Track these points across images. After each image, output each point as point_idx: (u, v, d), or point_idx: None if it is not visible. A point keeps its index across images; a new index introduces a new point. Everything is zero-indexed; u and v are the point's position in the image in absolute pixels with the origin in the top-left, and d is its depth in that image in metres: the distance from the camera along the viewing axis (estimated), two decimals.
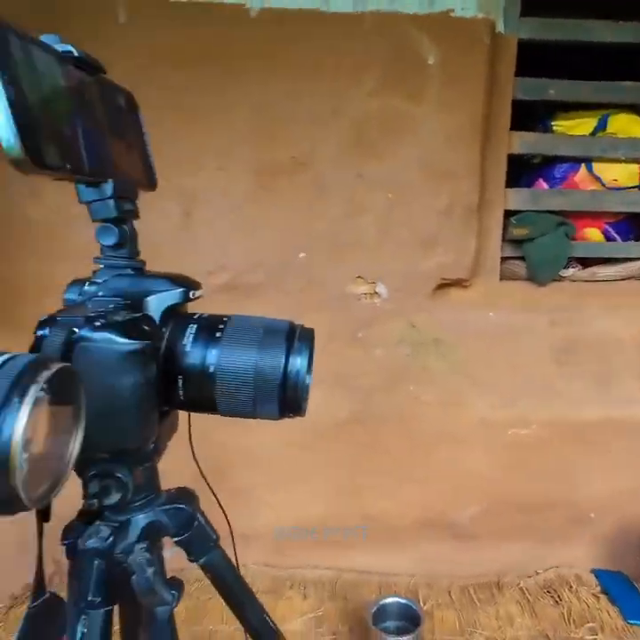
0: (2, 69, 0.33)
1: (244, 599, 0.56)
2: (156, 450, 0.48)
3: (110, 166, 0.45)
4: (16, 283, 1.29)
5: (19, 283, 1.28)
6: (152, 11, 1.18)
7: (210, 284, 1.30)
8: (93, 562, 0.46)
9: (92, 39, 1.19)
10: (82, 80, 0.44)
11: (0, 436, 0.23)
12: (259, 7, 1.17)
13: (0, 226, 1.28)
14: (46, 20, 1.17)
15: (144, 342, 0.39)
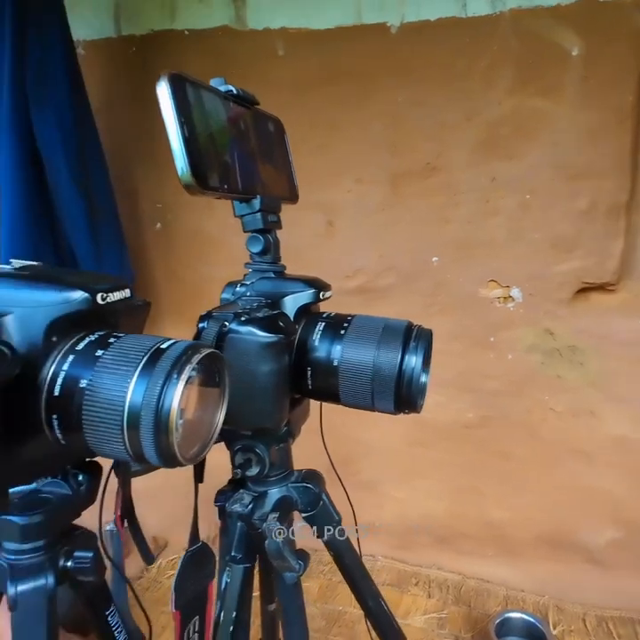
0: (178, 113, 0.40)
1: (361, 579, 0.58)
2: (290, 433, 0.53)
3: (259, 184, 0.51)
4: (195, 284, 1.49)
5: (197, 284, 1.48)
6: (305, 41, 1.31)
7: (346, 286, 1.37)
8: (237, 524, 0.53)
9: (255, 72, 1.37)
10: (239, 113, 0.51)
11: (163, 404, 0.29)
12: (399, 23, 1.21)
13: (185, 238, 1.50)
14: (221, 60, 1.40)
15: (279, 336, 0.43)
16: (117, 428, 0.29)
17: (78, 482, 0.38)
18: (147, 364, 0.30)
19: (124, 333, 0.33)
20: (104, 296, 0.32)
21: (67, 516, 0.39)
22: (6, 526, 0.36)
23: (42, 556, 0.37)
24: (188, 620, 0.48)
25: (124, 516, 0.47)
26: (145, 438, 0.29)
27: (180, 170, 0.41)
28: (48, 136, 1.17)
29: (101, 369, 0.30)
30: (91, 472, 0.39)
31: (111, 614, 0.44)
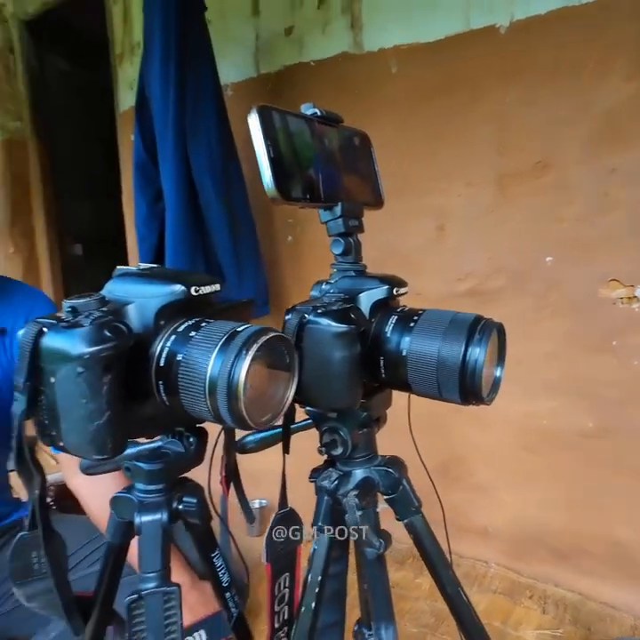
0: (266, 138, 0.48)
1: (440, 567, 0.59)
2: (371, 418, 0.57)
3: (340, 193, 0.56)
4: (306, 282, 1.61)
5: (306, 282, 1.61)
6: (416, 56, 1.37)
7: (457, 290, 1.36)
8: (324, 497, 0.58)
9: (371, 91, 1.46)
10: (324, 131, 0.57)
11: (234, 375, 0.35)
12: (508, 23, 1.19)
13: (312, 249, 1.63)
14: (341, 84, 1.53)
15: (350, 326, 0.48)
16: (202, 393, 0.37)
17: (189, 442, 0.47)
18: (224, 343, 0.37)
19: (215, 320, 0.41)
20: (196, 289, 0.41)
21: (180, 468, 0.48)
22: (137, 470, 0.46)
23: (160, 497, 0.47)
24: (279, 575, 0.55)
25: (229, 478, 0.55)
26: (220, 402, 0.36)
27: (265, 185, 0.48)
28: (200, 164, 1.37)
29: (192, 346, 0.38)
30: (199, 435, 0.48)
31: (216, 557, 0.53)
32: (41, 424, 0.36)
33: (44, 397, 0.35)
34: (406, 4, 1.39)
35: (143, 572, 0.44)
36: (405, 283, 0.56)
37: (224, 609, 0.56)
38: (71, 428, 0.35)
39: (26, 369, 0.34)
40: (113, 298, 0.39)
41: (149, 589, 0.43)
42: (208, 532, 0.51)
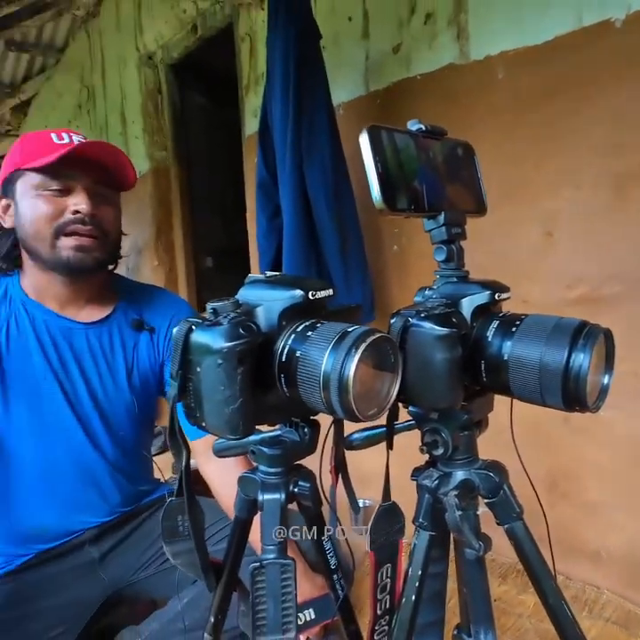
0: (375, 155, 0.52)
1: (542, 576, 0.57)
2: (472, 421, 0.58)
3: (444, 202, 0.58)
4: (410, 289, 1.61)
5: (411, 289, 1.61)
6: (523, 60, 1.33)
7: (567, 297, 1.28)
8: (424, 495, 0.59)
9: (477, 98, 1.44)
10: (428, 144, 0.60)
11: (344, 371, 0.39)
12: (624, 15, 1.11)
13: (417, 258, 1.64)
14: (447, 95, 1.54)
15: (451, 330, 0.49)
16: (317, 386, 0.41)
17: (304, 432, 0.52)
18: (336, 342, 0.41)
19: (328, 321, 0.45)
20: (313, 293, 0.45)
21: (295, 455, 0.53)
22: (260, 454, 0.52)
23: (279, 480, 0.52)
24: (382, 564, 0.57)
25: (338, 468, 0.59)
26: (332, 395, 0.40)
27: (374, 198, 0.52)
28: (314, 181, 1.45)
29: (309, 344, 0.42)
30: (312, 426, 0.53)
31: (325, 540, 0.57)
32: (188, 407, 0.43)
33: (191, 384, 0.42)
34: (514, 8, 1.36)
35: (264, 544, 0.49)
36: (507, 288, 0.56)
37: (331, 590, 0.60)
38: (211, 411, 0.41)
39: (178, 360, 0.41)
40: (245, 301, 0.45)
41: (269, 559, 0.48)
42: (319, 515, 0.56)
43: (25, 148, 0.84)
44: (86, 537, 0.99)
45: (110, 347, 0.97)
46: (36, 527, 0.95)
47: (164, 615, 0.95)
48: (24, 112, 4.08)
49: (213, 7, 2.35)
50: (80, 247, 0.84)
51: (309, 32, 1.54)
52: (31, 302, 0.90)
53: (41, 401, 0.90)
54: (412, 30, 1.63)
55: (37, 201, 0.83)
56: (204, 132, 2.89)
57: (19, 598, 0.89)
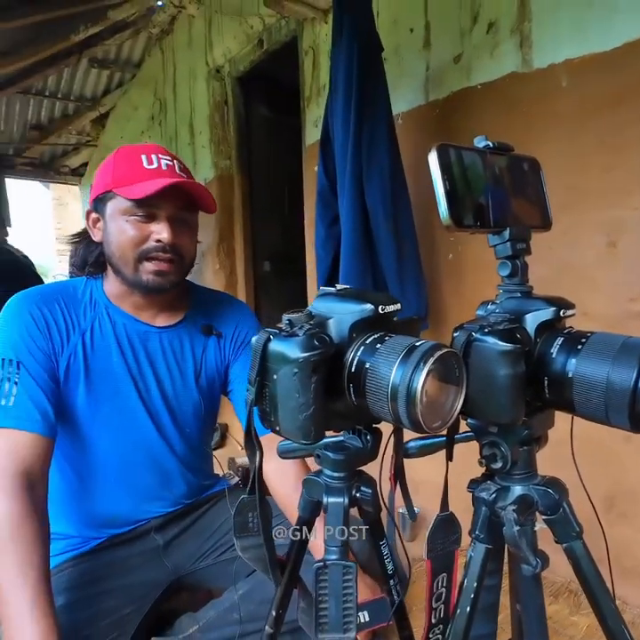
0: (443, 173, 0.52)
1: (601, 597, 0.55)
2: (532, 436, 0.57)
3: (509, 217, 0.58)
4: (465, 298, 1.59)
5: (465, 298, 1.58)
6: (588, 67, 1.30)
7: (631, 310, 1.23)
8: (481, 508, 0.58)
9: (540, 107, 1.41)
10: (494, 160, 0.59)
11: (412, 384, 0.41)
12: None
13: (473, 266, 1.61)
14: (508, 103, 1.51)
15: (515, 346, 0.49)
16: (385, 397, 0.42)
17: (367, 439, 0.53)
18: (404, 355, 0.42)
19: (395, 334, 0.46)
20: (382, 308, 0.47)
21: (358, 461, 0.54)
22: (325, 458, 0.54)
23: (342, 484, 0.53)
24: (438, 573, 0.57)
25: (396, 476, 0.59)
26: (400, 407, 0.41)
27: (441, 214, 0.52)
28: (373, 191, 1.46)
29: (378, 357, 0.44)
30: (375, 434, 0.54)
31: (383, 545, 0.58)
32: (264, 411, 0.45)
33: (267, 390, 0.44)
34: (579, 15, 1.32)
35: (327, 545, 0.51)
36: (572, 305, 0.55)
37: (387, 595, 0.61)
38: (285, 416, 0.43)
39: (257, 367, 0.44)
40: (317, 313, 0.47)
41: (332, 560, 0.50)
42: (378, 521, 0.57)
43: (117, 171, 0.88)
44: (152, 525, 1.05)
45: (181, 350, 1.02)
46: (110, 514, 1.01)
47: (220, 605, 0.98)
48: (102, 124, 4.33)
49: (279, 22, 2.41)
50: (159, 272, 0.89)
51: (372, 46, 1.55)
52: (113, 307, 0.96)
53: (119, 398, 0.96)
54: (473, 39, 1.61)
55: (124, 226, 0.87)
56: (266, 142, 2.96)
57: (93, 577, 0.95)
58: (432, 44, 1.75)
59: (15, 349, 0.86)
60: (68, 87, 3.79)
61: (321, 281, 1.64)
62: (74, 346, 0.92)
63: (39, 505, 0.81)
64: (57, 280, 5.10)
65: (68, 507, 1.00)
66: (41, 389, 0.86)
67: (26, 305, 0.90)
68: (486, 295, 1.75)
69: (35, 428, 0.83)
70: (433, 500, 0.59)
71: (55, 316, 0.91)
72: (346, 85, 1.49)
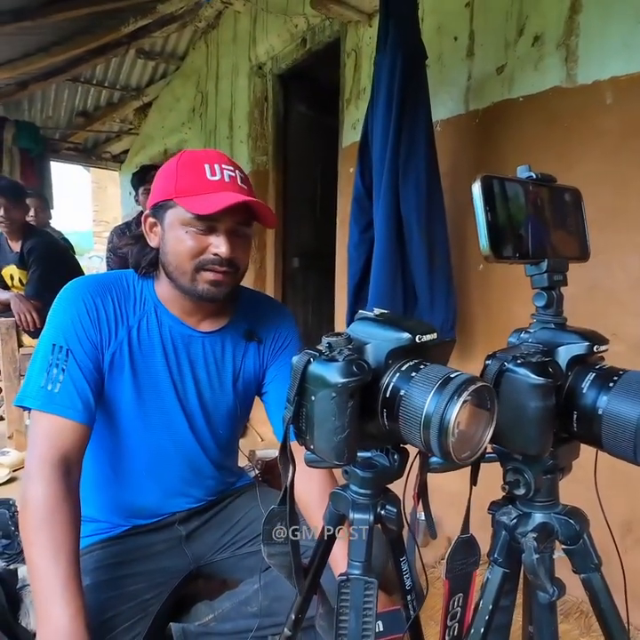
0: (485, 204, 0.52)
1: (616, 631, 0.55)
2: (557, 467, 0.57)
3: (548, 249, 0.57)
4: (506, 322, 1.57)
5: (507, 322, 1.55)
6: (636, 86, 1.27)
7: None
8: (501, 531, 0.59)
9: (582, 123, 1.38)
10: (537, 191, 0.59)
11: (446, 416, 0.41)
12: None
13: (502, 279, 1.60)
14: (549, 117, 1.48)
15: (547, 380, 0.49)
16: (417, 425, 0.43)
17: (394, 458, 0.54)
18: (439, 386, 0.43)
19: (430, 363, 0.47)
20: (420, 337, 0.47)
21: (384, 479, 0.55)
22: (353, 474, 0.55)
23: (368, 501, 0.54)
24: (454, 593, 0.57)
25: (419, 494, 0.60)
26: (432, 436, 0.42)
27: (481, 245, 0.52)
28: (408, 199, 1.46)
29: (413, 385, 0.44)
30: (401, 454, 0.55)
31: (403, 562, 0.59)
32: (299, 429, 0.47)
33: (304, 409, 0.45)
34: (629, 33, 1.28)
35: (350, 559, 0.52)
36: (606, 340, 0.54)
37: (403, 609, 0.61)
38: (320, 437, 0.44)
39: (296, 387, 0.45)
40: (356, 337, 0.48)
41: (355, 575, 0.51)
42: (399, 537, 0.57)
43: (180, 180, 0.86)
44: (177, 518, 1.07)
45: (222, 355, 1.02)
46: (137, 505, 1.04)
47: (235, 597, 1.00)
48: (145, 113, 4.39)
49: (323, 23, 2.40)
50: (215, 282, 0.89)
51: (416, 53, 1.54)
52: (161, 307, 0.97)
53: (157, 396, 0.98)
54: (518, 51, 1.58)
55: (183, 236, 0.86)
56: (303, 140, 2.96)
57: (118, 561, 0.98)
58: (475, 54, 1.72)
59: (66, 336, 0.88)
60: (114, 76, 3.85)
61: (351, 282, 1.64)
62: (120, 340, 0.93)
63: (73, 490, 0.84)
64: (93, 258, 5.21)
65: (99, 493, 1.03)
66: (85, 379, 0.88)
67: (80, 293, 0.91)
68: (513, 309, 1.74)
69: (76, 417, 0.85)
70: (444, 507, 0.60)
71: (107, 307, 0.92)
72: (387, 91, 1.48)
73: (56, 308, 0.91)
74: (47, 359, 0.87)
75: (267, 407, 1.11)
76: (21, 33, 2.74)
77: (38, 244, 2.55)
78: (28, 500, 0.80)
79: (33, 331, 2.37)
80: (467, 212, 1.69)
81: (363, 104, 2.16)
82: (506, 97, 1.61)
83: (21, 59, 3.08)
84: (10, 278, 2.65)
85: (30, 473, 0.81)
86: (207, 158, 0.88)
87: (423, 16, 1.80)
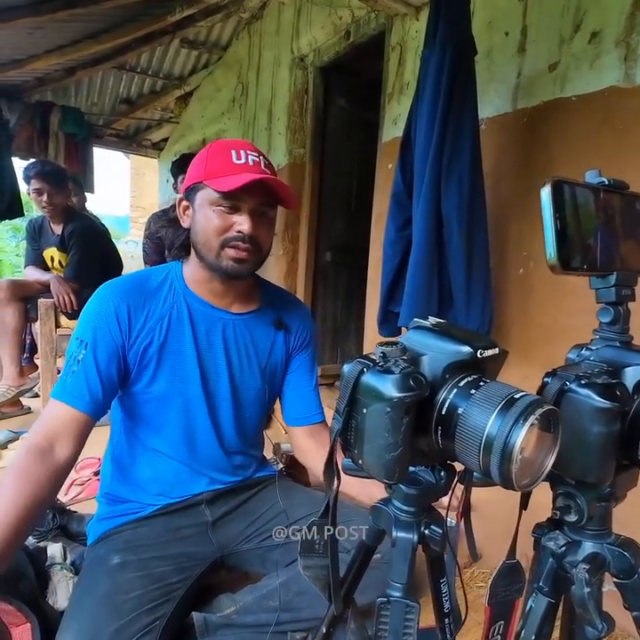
0: (554, 211, 0.48)
1: None
2: (613, 494, 0.52)
3: (617, 261, 0.53)
4: (548, 330, 1.50)
5: (550, 330, 1.49)
6: None
7: None
8: (548, 559, 0.55)
9: (634, 121, 1.29)
10: (607, 199, 0.54)
11: (510, 440, 0.38)
12: None
13: (544, 284, 1.52)
14: (603, 117, 1.40)
15: (614, 404, 0.45)
16: (476, 448, 0.39)
17: (440, 475, 0.50)
18: (503, 407, 0.39)
19: (490, 380, 0.43)
20: (481, 352, 0.43)
21: (429, 497, 0.51)
22: (398, 490, 0.52)
23: (412, 519, 0.51)
24: (496, 620, 0.54)
25: (463, 513, 0.56)
26: (493, 461, 0.38)
27: (548, 254, 0.48)
28: (449, 194, 1.40)
29: (472, 403, 0.41)
30: (448, 471, 0.51)
31: (443, 583, 0.55)
32: (347, 441, 0.44)
33: (354, 422, 0.42)
34: None
35: (391, 579, 0.49)
36: None
37: (439, 632, 0.58)
38: (370, 452, 0.41)
39: (347, 398, 0.42)
40: (410, 347, 0.45)
41: (396, 597, 0.48)
42: (440, 557, 0.54)
43: (209, 164, 0.91)
44: (204, 497, 1.08)
45: (252, 338, 1.05)
46: (167, 482, 1.05)
47: (257, 590, 1.00)
48: (186, 102, 4.39)
49: (368, 15, 2.33)
50: (238, 259, 0.93)
51: (466, 48, 1.47)
52: (190, 293, 1.00)
53: (188, 379, 1.00)
54: (573, 49, 1.49)
55: (211, 215, 0.92)
56: (341, 134, 2.90)
57: (147, 542, 0.98)
58: (527, 50, 1.64)
59: (88, 331, 0.92)
60: (158, 65, 3.86)
61: (385, 281, 1.60)
62: (151, 331, 0.96)
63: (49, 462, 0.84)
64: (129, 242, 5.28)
65: (130, 474, 1.05)
66: (98, 372, 0.91)
67: (112, 297, 0.95)
68: (556, 319, 1.66)
69: (80, 406, 0.88)
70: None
71: (136, 309, 0.95)
72: (434, 87, 1.42)
73: (88, 307, 0.96)
74: (70, 353, 0.92)
75: (283, 393, 1.15)
76: (72, 20, 2.76)
77: (79, 227, 2.59)
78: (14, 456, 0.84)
79: (70, 312, 2.41)
80: (508, 213, 1.62)
81: (405, 99, 2.09)
82: (557, 96, 1.53)
83: (70, 45, 3.10)
84: (50, 260, 2.70)
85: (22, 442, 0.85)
86: (234, 145, 0.93)
87: (474, 10, 1.72)
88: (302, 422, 1.13)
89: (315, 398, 1.15)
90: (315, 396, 1.15)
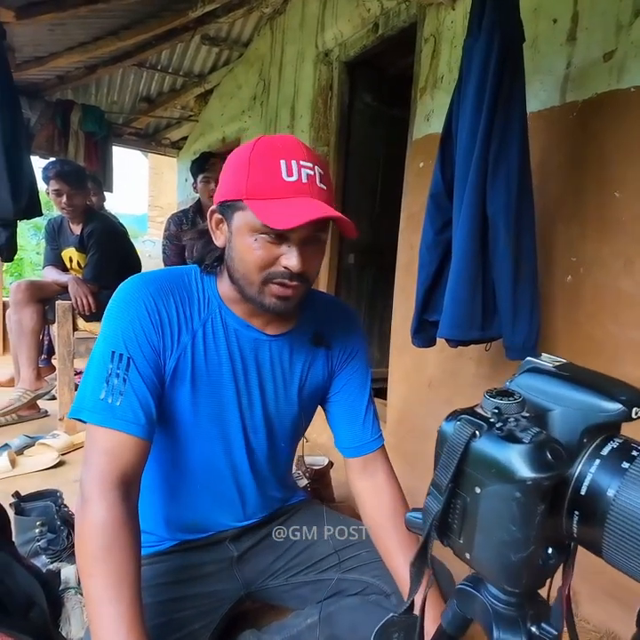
0: None
1: None
2: None
3: None
4: (600, 341, 1.37)
5: (603, 342, 1.36)
6: None
7: None
8: None
9: None
10: None
11: None
12: None
13: (595, 293, 1.40)
14: None
15: None
16: None
17: (549, 555, 0.38)
18: None
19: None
20: (637, 411, 0.31)
21: (537, 582, 0.38)
22: None
23: (514, 612, 0.38)
24: None
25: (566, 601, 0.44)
26: None
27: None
28: (496, 195, 1.27)
29: (630, 484, 0.29)
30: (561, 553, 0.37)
31: None
32: (447, 525, 0.32)
33: (460, 502, 0.31)
34: None
35: None
36: None
37: None
38: (487, 548, 0.30)
39: (452, 470, 0.30)
40: (529, 398, 0.33)
41: None
42: None
43: (252, 177, 0.73)
44: (229, 534, 0.98)
45: (289, 360, 0.91)
46: (187, 519, 0.94)
47: (286, 630, 0.91)
48: (206, 100, 4.31)
49: (399, 7, 2.21)
50: (283, 297, 0.78)
51: (515, 35, 1.34)
52: (225, 309, 0.86)
53: (220, 406, 0.87)
54: (632, 36, 1.35)
55: (253, 245, 0.75)
56: (366, 131, 2.78)
57: (167, 581, 0.88)
58: (578, 38, 1.50)
59: (126, 342, 0.77)
60: (178, 62, 3.78)
61: (421, 287, 1.48)
62: (184, 346, 0.82)
63: (133, 514, 0.73)
64: (146, 242, 5.19)
65: (148, 505, 0.93)
66: (148, 390, 0.77)
67: (140, 294, 0.80)
68: (608, 330, 1.51)
69: (139, 432, 0.74)
70: None
71: (169, 310, 0.81)
72: (480, 79, 1.29)
73: (113, 308, 0.80)
74: (106, 368, 0.76)
75: (330, 417, 1.00)
76: (94, 16, 2.69)
77: (98, 228, 2.52)
78: (86, 524, 0.69)
79: (88, 314, 2.34)
80: (555, 215, 1.49)
81: (439, 93, 1.97)
82: (614, 87, 1.39)
83: (92, 42, 3.04)
84: (69, 260, 2.64)
85: (88, 494, 0.70)
86: (284, 151, 0.73)
87: None
88: (354, 453, 0.96)
89: (368, 421, 0.96)
90: (368, 419, 0.97)
